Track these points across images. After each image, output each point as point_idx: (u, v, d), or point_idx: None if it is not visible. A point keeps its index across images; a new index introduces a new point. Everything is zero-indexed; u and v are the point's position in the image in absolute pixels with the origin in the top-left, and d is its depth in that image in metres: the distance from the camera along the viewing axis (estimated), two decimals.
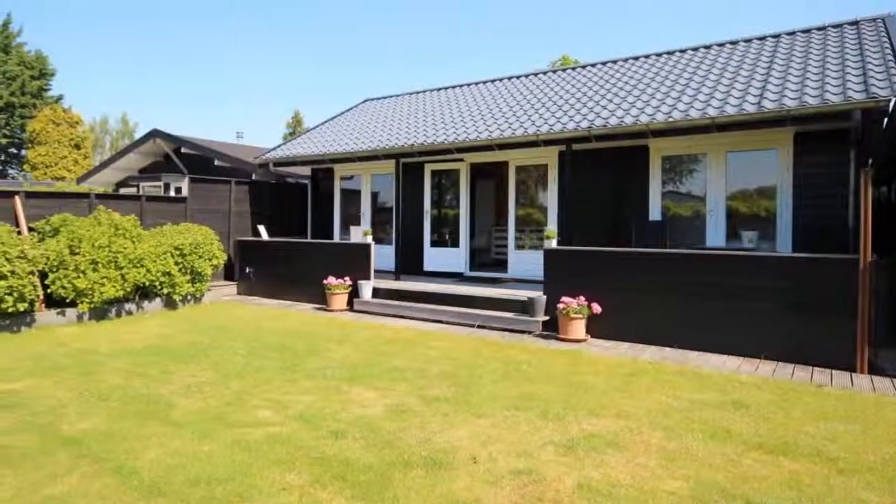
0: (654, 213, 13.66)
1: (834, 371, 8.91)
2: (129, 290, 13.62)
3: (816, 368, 9.04)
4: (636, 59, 17.07)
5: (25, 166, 44.59)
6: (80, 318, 12.95)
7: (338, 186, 20.05)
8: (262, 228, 18.46)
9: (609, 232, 14.04)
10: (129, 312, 13.94)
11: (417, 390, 7.86)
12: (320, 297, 15.34)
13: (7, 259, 11.34)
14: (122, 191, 25.74)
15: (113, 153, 42.74)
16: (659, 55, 16.57)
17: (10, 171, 52.74)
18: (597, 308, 11.06)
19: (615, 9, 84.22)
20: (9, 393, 7.73)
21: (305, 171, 20.77)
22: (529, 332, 11.80)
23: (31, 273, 11.97)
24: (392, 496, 4.87)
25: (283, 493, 4.92)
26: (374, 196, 19.33)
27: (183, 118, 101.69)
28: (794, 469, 5.38)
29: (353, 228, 17.11)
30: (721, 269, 10.24)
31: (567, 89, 16.21)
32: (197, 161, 22.87)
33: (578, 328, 11.06)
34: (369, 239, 15.14)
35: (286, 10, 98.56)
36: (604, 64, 17.75)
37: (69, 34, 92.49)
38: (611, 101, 13.79)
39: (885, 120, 10.10)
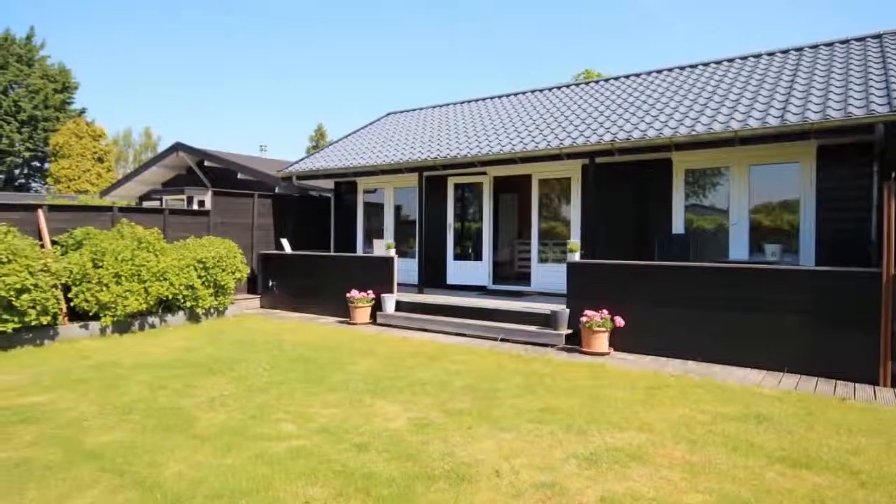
0: (677, 227, 13.75)
1: (857, 384, 8.97)
2: (152, 303, 13.76)
3: (839, 382, 9.10)
4: (659, 72, 17.19)
5: (48, 180, 45.09)
6: (103, 331, 13.09)
7: (361, 200, 20.26)
8: (285, 242, 18.63)
9: (632, 245, 14.15)
10: (153, 326, 14.09)
11: (440, 403, 7.93)
12: (343, 311, 15.50)
13: (30, 272, 11.43)
14: (145, 204, 25.97)
15: (136, 166, 43.21)
16: (682, 68, 16.68)
17: (34, 185, 53.46)
18: (620, 321, 11.16)
19: (639, 22, 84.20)
20: (32, 406, 7.84)
21: (328, 184, 21.00)
22: (553, 346, 11.90)
23: (55, 286, 12.09)
24: None
25: None
26: (398, 209, 19.52)
27: (206, 131, 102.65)
28: (817, 482, 5.42)
29: (376, 242, 17.24)
30: (744, 283, 10.32)
31: (590, 102, 16.35)
32: (220, 174, 23.11)
33: (602, 341, 11.16)
34: (392, 252, 15.30)
35: (309, 24, 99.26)
36: (627, 77, 17.88)
37: (92, 48, 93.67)
38: (634, 114, 13.91)
39: None
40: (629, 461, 5.90)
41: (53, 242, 13.56)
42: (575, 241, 13.03)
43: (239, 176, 22.35)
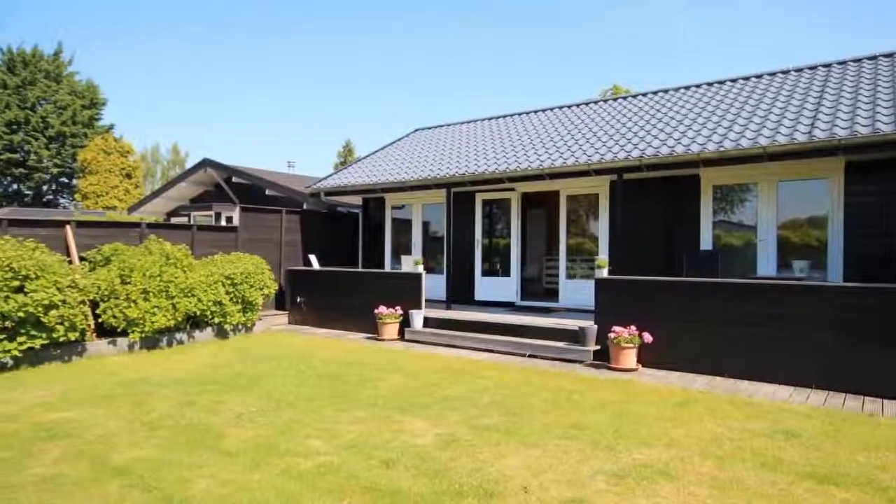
0: (705, 243, 13.87)
1: (885, 400, 9.00)
2: (180, 319, 13.91)
3: (867, 398, 9.14)
4: (687, 88, 17.33)
5: (76, 196, 45.40)
6: (131, 347, 13.24)
7: (389, 216, 20.52)
8: (312, 258, 18.81)
9: (660, 261, 14.26)
10: (180, 342, 14.25)
11: (468, 419, 8.00)
12: (371, 327, 15.64)
13: (58, 288, 11.54)
14: (173, 220, 26.13)
15: (164, 182, 43.57)
16: (710, 84, 16.82)
17: (62, 201, 53.98)
18: (648, 337, 11.24)
19: (667, 38, 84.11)
20: (60, 422, 7.92)
21: (356, 200, 21.26)
22: (581, 362, 11.99)
23: (82, 302, 12.24)
24: None
25: None
26: (426, 225, 19.75)
27: (234, 148, 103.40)
28: (845, 498, 5.47)
29: (404, 258, 17.37)
30: (772, 299, 10.39)
31: (618, 118, 16.52)
32: (248, 190, 23.32)
33: (629, 357, 11.26)
34: (420, 268, 15.50)
35: (336, 40, 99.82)
36: (655, 93, 18.05)
37: (120, 63, 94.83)
38: (662, 130, 14.07)
39: None
40: (657, 477, 5.95)
41: (81, 258, 13.74)
42: (603, 257, 13.16)
43: (267, 192, 22.59)
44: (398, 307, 15.33)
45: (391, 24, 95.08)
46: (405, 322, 15.26)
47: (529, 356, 12.60)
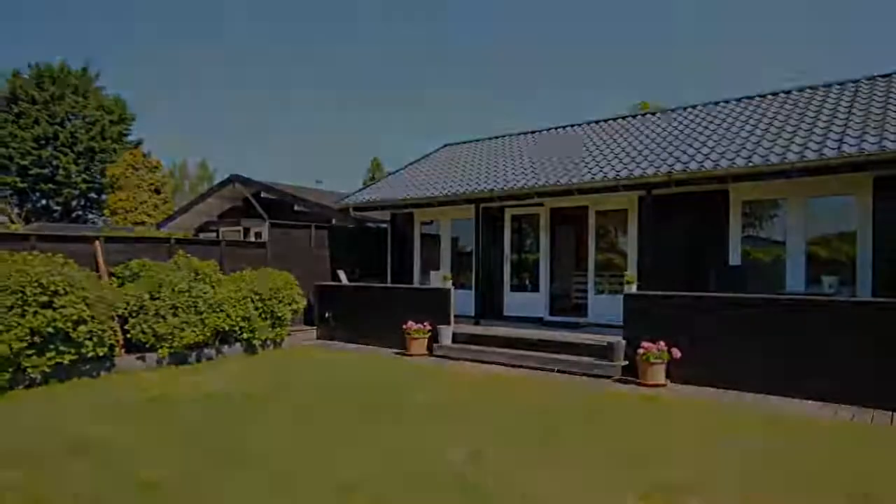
0: (734, 258, 14.01)
1: None
2: (208, 334, 14.08)
3: None
4: (716, 104, 17.45)
5: (105, 211, 45.88)
6: (159, 362, 13.33)
7: (417, 231, 20.76)
8: (341, 273, 19.05)
9: (688, 276, 14.33)
10: (209, 357, 14.38)
11: (497, 435, 8.16)
12: (400, 342, 15.85)
13: (87, 304, 11.59)
14: (202, 235, 26.44)
15: (192, 198, 44.00)
16: (738, 100, 16.94)
17: (90, 216, 54.59)
18: (676, 353, 11.38)
19: (693, 55, 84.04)
20: (88, 437, 8.03)
21: (385, 215, 21.47)
22: (609, 377, 12.14)
23: (111, 318, 12.32)
24: None
25: None
26: (454, 241, 19.96)
27: (262, 164, 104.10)
28: None
29: (432, 273, 17.56)
30: (801, 315, 10.53)
31: (647, 134, 16.68)
32: (276, 206, 23.65)
33: (658, 373, 11.40)
34: (449, 284, 15.68)
35: (362, 57, 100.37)
36: (683, 109, 18.14)
37: (147, 79, 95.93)
38: (691, 145, 14.23)
39: None
40: (686, 494, 6.05)
41: (110, 274, 13.95)
42: (631, 272, 13.28)
43: (295, 207, 22.89)
44: (427, 322, 15.51)
45: (414, 40, 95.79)
46: (434, 337, 15.41)
47: (558, 371, 12.77)
